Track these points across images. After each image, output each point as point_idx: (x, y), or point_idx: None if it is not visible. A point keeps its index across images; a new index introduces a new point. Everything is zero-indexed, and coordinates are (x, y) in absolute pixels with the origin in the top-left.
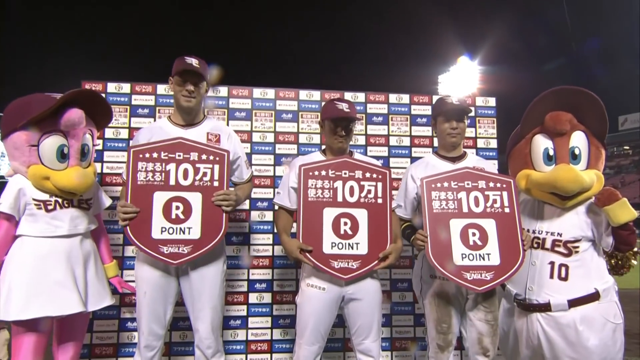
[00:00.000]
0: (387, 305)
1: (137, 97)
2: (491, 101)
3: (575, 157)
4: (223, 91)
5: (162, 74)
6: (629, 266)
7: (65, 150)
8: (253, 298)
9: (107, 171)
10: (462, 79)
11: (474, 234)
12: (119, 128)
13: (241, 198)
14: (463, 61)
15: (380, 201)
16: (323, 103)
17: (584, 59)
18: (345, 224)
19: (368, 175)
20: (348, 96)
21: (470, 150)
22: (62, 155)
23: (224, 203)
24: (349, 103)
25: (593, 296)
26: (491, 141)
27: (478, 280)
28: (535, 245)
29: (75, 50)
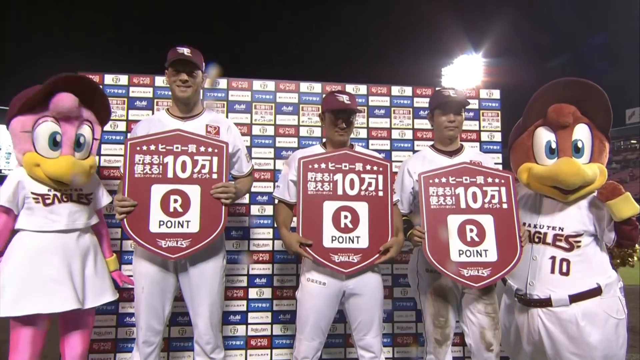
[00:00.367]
0: (389, 300)
1: (135, 89)
2: (495, 94)
3: (578, 150)
4: (222, 83)
5: (160, 66)
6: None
7: (57, 137)
8: (253, 293)
9: (105, 164)
10: (466, 72)
11: (472, 230)
12: (117, 120)
13: (241, 191)
14: (467, 53)
15: (381, 194)
16: (324, 95)
17: (591, 52)
18: (345, 217)
19: (369, 167)
20: (350, 88)
21: (474, 143)
22: (55, 142)
23: (223, 196)
24: (350, 95)
25: (595, 291)
26: (495, 134)
27: (475, 276)
28: (536, 239)
29: (72, 42)
